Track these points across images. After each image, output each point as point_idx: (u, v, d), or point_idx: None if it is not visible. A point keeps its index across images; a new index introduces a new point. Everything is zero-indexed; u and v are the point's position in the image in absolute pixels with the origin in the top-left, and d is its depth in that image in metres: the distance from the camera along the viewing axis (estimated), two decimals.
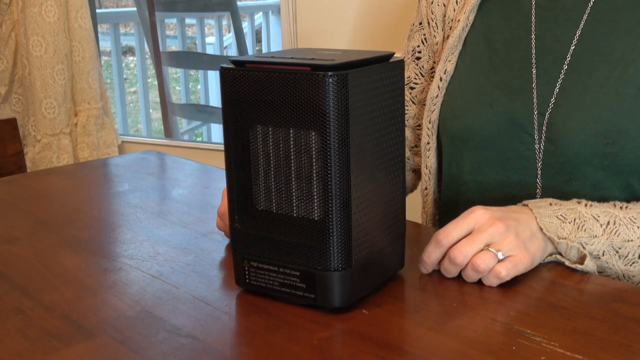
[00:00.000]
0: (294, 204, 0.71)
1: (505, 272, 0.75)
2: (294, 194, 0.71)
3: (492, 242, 0.76)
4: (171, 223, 1.00)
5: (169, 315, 0.72)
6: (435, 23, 1.09)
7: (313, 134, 0.68)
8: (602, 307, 0.72)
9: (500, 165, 0.99)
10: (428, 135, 1.07)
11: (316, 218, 0.70)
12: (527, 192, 0.97)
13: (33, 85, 2.28)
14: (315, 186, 0.69)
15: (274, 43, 3.95)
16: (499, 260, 0.76)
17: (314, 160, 0.68)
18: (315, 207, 0.69)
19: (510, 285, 0.76)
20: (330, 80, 0.65)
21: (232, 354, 0.66)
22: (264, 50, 4.15)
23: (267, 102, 0.69)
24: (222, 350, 0.66)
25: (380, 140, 0.72)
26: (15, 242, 0.95)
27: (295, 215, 0.71)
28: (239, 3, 3.37)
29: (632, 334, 0.67)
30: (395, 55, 0.75)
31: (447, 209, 1.09)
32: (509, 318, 0.70)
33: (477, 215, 0.78)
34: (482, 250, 0.76)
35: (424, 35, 1.11)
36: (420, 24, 1.12)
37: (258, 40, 4.24)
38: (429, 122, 1.06)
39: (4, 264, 0.87)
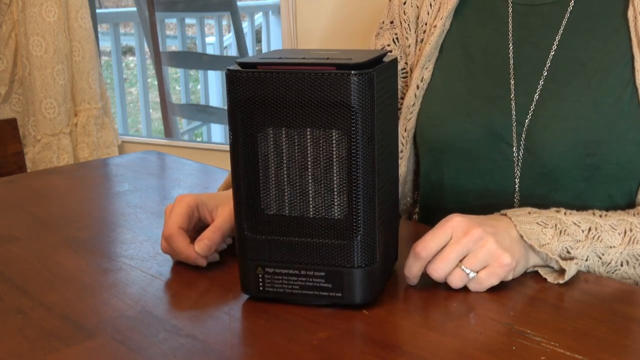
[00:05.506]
0: (311, 205, 0.71)
1: (487, 282, 0.75)
2: (310, 194, 0.70)
3: (468, 251, 0.75)
4: None
5: (169, 315, 0.72)
6: (408, 25, 1.06)
7: (334, 132, 0.68)
8: (602, 307, 0.72)
9: (479, 176, 0.97)
10: (402, 144, 1.04)
11: (337, 217, 0.70)
12: (507, 202, 0.95)
13: (33, 85, 2.28)
14: (336, 185, 0.69)
15: (274, 43, 3.95)
16: (472, 277, 0.75)
17: (334, 158, 0.69)
18: (336, 206, 0.70)
19: (510, 285, 0.76)
20: (357, 79, 0.66)
21: (232, 354, 0.66)
22: (264, 50, 4.15)
23: (281, 103, 0.69)
24: (222, 350, 0.66)
25: (388, 136, 0.74)
26: (15, 242, 0.95)
27: (311, 216, 0.71)
28: (239, 3, 3.37)
29: (632, 334, 0.67)
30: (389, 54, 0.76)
31: (427, 214, 1.06)
32: (509, 318, 0.70)
33: (454, 224, 0.76)
34: (456, 266, 0.75)
35: (395, 34, 1.08)
36: (392, 22, 1.08)
37: (258, 40, 4.23)
38: (405, 131, 1.03)
39: (4, 264, 0.87)
